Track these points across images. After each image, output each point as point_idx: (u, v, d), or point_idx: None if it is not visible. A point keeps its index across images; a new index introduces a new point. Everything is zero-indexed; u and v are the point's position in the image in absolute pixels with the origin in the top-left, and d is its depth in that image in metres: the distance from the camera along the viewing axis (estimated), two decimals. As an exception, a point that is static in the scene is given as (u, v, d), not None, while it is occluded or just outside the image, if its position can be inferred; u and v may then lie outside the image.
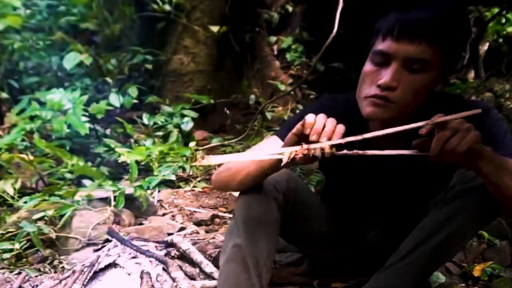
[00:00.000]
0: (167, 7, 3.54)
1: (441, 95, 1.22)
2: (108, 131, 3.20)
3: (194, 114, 3.38)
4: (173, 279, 1.52)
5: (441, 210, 1.16)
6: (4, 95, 3.17)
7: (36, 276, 1.61)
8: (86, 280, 1.51)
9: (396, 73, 1.09)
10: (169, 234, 1.90)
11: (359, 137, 1.01)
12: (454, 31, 1.10)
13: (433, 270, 1.29)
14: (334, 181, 1.45)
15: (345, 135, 1.04)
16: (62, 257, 1.74)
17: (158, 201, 2.41)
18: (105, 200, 2.07)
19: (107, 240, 1.82)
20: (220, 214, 2.24)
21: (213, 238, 1.83)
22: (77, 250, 1.79)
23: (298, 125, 1.03)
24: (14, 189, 2.15)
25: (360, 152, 1.02)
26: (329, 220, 1.42)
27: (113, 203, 2.05)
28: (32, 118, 2.80)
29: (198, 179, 2.74)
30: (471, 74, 5.41)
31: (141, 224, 2.07)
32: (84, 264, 1.59)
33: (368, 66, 1.15)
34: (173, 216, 2.23)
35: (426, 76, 1.10)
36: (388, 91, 1.10)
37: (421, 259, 1.16)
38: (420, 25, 1.06)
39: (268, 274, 1.21)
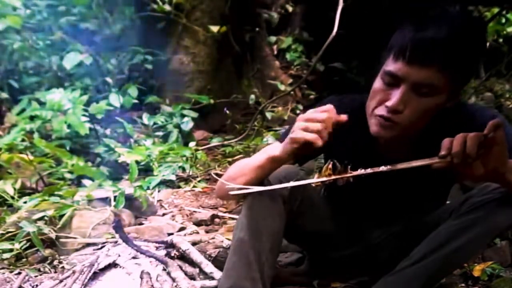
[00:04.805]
0: (167, 7, 3.54)
1: (465, 107, 1.22)
2: (108, 131, 3.20)
3: (194, 114, 3.38)
4: (173, 279, 1.52)
5: (456, 220, 1.16)
6: (4, 95, 3.16)
7: (36, 276, 1.61)
8: (86, 280, 1.51)
9: (404, 96, 1.09)
10: (169, 234, 1.91)
11: (383, 168, 1.05)
12: (467, 56, 1.08)
13: (441, 278, 1.30)
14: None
15: (348, 133, 1.05)
16: (62, 257, 1.74)
17: (158, 201, 2.41)
18: (105, 200, 2.07)
19: (107, 239, 1.83)
20: (220, 214, 2.24)
21: (213, 238, 1.83)
22: (77, 250, 1.79)
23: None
24: (14, 189, 2.14)
25: (388, 167, 1.05)
26: (334, 220, 1.42)
27: (113, 203, 2.05)
28: (32, 118, 2.80)
29: (198, 179, 2.74)
30: (471, 74, 5.40)
31: (141, 224, 2.07)
32: (84, 264, 1.59)
33: (378, 84, 1.15)
34: (173, 216, 2.23)
35: (434, 99, 1.10)
36: (394, 114, 1.11)
37: (431, 267, 1.16)
38: (433, 50, 1.05)
39: (271, 269, 1.21)
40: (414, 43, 1.06)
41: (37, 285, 1.56)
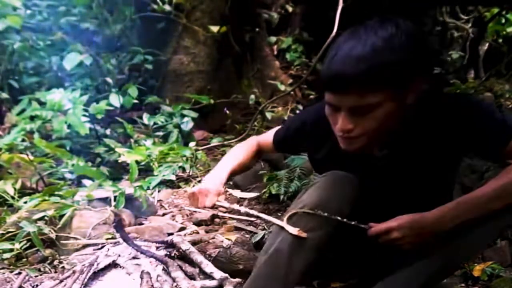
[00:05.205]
0: (167, 7, 3.54)
1: (443, 99, 1.22)
2: (108, 131, 3.20)
3: (194, 114, 3.39)
4: (173, 279, 1.52)
5: None
6: (4, 95, 3.16)
7: (36, 276, 1.61)
8: (86, 280, 1.51)
9: (346, 119, 1.12)
10: (169, 234, 1.91)
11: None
12: (388, 66, 1.04)
13: (442, 278, 1.30)
14: None
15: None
16: (62, 257, 1.75)
17: (158, 201, 2.42)
18: (105, 200, 2.07)
19: (107, 239, 1.83)
20: (220, 214, 2.24)
21: (213, 238, 1.83)
22: (77, 250, 1.79)
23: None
24: (14, 189, 2.15)
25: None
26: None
27: (113, 203, 2.05)
28: (32, 118, 2.80)
29: (198, 179, 2.74)
30: (471, 74, 5.41)
31: (141, 224, 2.07)
32: (84, 264, 1.59)
33: (326, 110, 1.18)
34: (173, 216, 2.23)
35: (380, 110, 1.09)
36: (348, 133, 1.14)
37: (431, 266, 1.17)
38: (345, 78, 1.05)
39: (296, 282, 1.22)
40: (327, 75, 1.09)
41: (37, 285, 1.56)
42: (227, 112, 3.77)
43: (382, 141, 1.22)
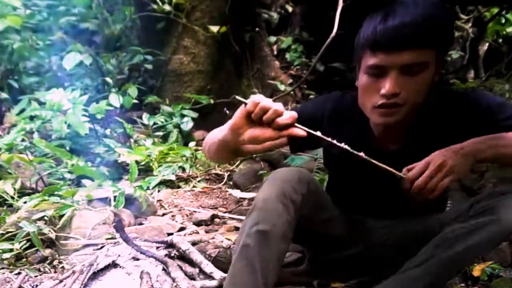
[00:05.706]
0: (167, 7, 3.54)
1: (447, 92, 1.25)
2: (108, 131, 3.20)
3: (194, 114, 3.39)
4: (173, 279, 1.52)
5: (465, 223, 1.16)
6: (4, 95, 3.17)
7: (36, 276, 1.61)
8: (86, 280, 1.51)
9: (396, 80, 1.11)
10: (169, 234, 1.91)
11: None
12: (439, 26, 1.11)
13: (446, 280, 1.30)
14: (338, 179, 1.46)
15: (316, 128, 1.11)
16: (62, 257, 1.74)
17: (158, 201, 2.42)
18: (105, 200, 2.07)
19: (107, 239, 1.83)
20: (220, 214, 2.24)
21: (213, 238, 1.83)
22: (77, 250, 1.79)
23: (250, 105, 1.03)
24: (14, 189, 2.15)
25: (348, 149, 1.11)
26: (340, 221, 1.42)
27: (113, 203, 2.05)
28: (32, 118, 2.81)
29: (198, 179, 2.74)
30: (471, 74, 5.40)
31: (140, 224, 2.07)
32: (83, 264, 1.59)
33: (364, 79, 1.17)
34: (173, 216, 2.23)
35: (425, 74, 1.13)
36: (394, 98, 1.13)
37: (437, 267, 1.16)
38: (404, 33, 1.08)
39: (275, 276, 1.19)
40: (387, 32, 1.09)
41: (37, 285, 1.56)
42: (227, 112, 3.77)
43: (409, 121, 1.23)
